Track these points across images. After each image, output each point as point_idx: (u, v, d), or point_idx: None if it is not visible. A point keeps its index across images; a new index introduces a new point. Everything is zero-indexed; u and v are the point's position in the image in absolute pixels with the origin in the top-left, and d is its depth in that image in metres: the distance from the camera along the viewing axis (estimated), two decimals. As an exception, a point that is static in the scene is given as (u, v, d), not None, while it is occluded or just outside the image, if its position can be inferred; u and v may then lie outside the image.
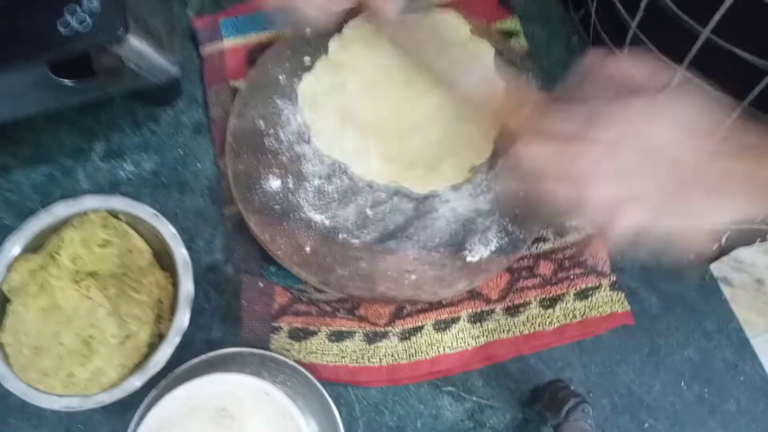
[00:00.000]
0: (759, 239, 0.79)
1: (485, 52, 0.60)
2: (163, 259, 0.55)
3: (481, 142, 0.57)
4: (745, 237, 0.79)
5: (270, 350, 0.53)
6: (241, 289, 0.55)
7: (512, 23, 0.66)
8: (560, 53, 0.66)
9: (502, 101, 0.48)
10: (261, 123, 0.58)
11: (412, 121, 0.57)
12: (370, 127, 0.57)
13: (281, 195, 0.56)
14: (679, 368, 0.54)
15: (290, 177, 0.56)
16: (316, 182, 0.56)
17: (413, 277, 0.53)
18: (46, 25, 0.49)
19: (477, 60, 0.60)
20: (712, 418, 0.53)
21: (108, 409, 0.52)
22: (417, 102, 0.58)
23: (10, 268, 0.52)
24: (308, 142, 0.57)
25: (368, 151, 0.56)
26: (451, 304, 0.55)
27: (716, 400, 0.53)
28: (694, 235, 0.39)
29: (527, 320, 0.54)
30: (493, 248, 0.54)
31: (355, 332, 0.54)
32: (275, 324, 0.54)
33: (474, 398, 0.53)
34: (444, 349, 0.53)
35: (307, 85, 0.59)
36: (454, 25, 0.61)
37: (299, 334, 0.54)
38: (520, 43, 0.65)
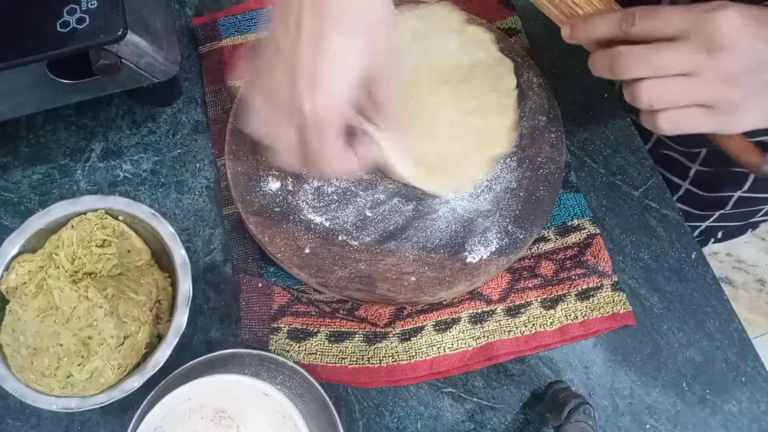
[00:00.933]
0: (750, 229, 0.80)
1: (483, 33, 0.60)
2: (162, 259, 0.55)
3: (499, 131, 0.57)
4: (736, 228, 0.79)
5: (269, 351, 0.52)
6: (240, 290, 0.55)
7: (513, 22, 0.66)
8: (561, 52, 0.66)
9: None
10: (260, 123, 0.58)
11: (420, 122, 0.57)
12: None
13: (281, 196, 0.56)
14: (680, 369, 0.54)
15: (289, 178, 0.56)
16: (316, 183, 0.56)
17: (413, 278, 0.53)
18: (46, 24, 0.49)
19: (477, 41, 0.60)
20: (713, 418, 0.52)
21: (106, 410, 0.52)
22: (426, 99, 0.57)
23: (8, 268, 0.52)
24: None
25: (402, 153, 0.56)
26: (451, 304, 0.54)
27: (718, 401, 0.53)
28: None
29: (528, 321, 0.54)
30: (493, 249, 0.53)
31: (354, 333, 0.54)
32: (274, 325, 0.54)
33: (474, 399, 0.53)
34: (444, 350, 0.53)
35: None
36: (449, 14, 0.61)
37: (298, 335, 0.54)
38: (521, 41, 0.65)
